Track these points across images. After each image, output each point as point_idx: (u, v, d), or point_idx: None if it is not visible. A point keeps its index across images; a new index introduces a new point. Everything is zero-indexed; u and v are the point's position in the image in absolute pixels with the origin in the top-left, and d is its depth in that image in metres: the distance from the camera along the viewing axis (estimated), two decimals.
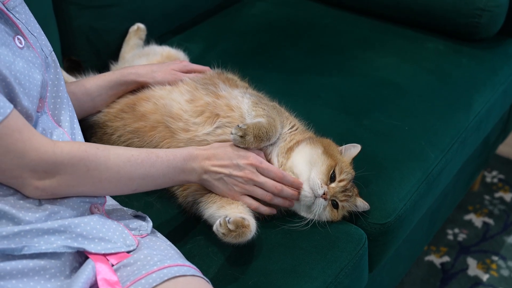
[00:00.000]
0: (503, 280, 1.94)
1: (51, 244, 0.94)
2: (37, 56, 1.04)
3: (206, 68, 1.46)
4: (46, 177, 0.96)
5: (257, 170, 1.18)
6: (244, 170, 1.17)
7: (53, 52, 1.12)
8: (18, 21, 1.03)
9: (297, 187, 1.21)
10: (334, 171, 1.23)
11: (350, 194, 1.24)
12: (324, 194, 1.19)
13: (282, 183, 1.20)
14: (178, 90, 1.34)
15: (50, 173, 0.96)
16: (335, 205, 1.23)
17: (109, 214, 1.08)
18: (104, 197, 1.08)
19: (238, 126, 1.17)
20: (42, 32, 1.12)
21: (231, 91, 1.33)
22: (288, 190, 1.20)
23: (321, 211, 1.21)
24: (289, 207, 1.24)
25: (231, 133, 1.17)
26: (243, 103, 1.28)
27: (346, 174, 1.24)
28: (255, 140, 1.18)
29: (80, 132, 1.13)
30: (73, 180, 0.98)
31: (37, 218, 0.96)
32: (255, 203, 1.19)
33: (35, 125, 1.01)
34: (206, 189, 1.21)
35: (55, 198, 0.99)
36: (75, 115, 1.13)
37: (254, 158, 1.18)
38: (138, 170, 1.05)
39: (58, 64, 1.12)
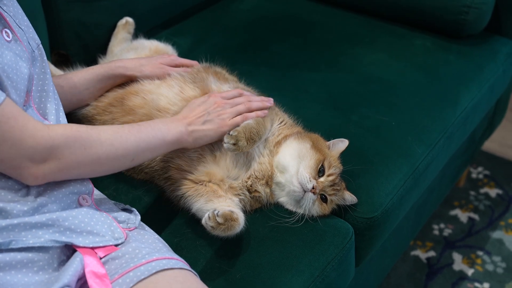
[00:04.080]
0: (488, 275, 1.96)
1: (39, 238, 0.94)
2: (24, 49, 1.04)
3: (194, 62, 1.46)
4: (45, 164, 0.95)
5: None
6: (214, 104, 1.22)
7: (40, 45, 1.11)
8: (5, 14, 1.02)
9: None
10: (323, 166, 1.23)
11: (338, 188, 1.25)
12: (313, 188, 1.20)
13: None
14: (166, 84, 1.34)
15: (48, 159, 0.95)
16: (324, 199, 1.24)
17: (99, 205, 1.08)
18: (92, 186, 1.08)
19: (229, 134, 1.17)
20: (30, 25, 1.11)
21: (221, 86, 1.33)
22: (255, 97, 1.29)
23: (311, 206, 1.22)
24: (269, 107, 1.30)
25: (224, 143, 1.17)
26: None
27: (334, 168, 1.25)
28: (249, 143, 1.18)
29: None
30: (73, 162, 0.98)
31: (25, 212, 0.95)
32: (243, 116, 1.23)
33: None
34: (193, 183, 1.21)
35: (43, 191, 0.99)
36: (61, 108, 1.13)
37: (212, 94, 1.26)
38: (130, 138, 1.07)
39: (45, 57, 1.12)
